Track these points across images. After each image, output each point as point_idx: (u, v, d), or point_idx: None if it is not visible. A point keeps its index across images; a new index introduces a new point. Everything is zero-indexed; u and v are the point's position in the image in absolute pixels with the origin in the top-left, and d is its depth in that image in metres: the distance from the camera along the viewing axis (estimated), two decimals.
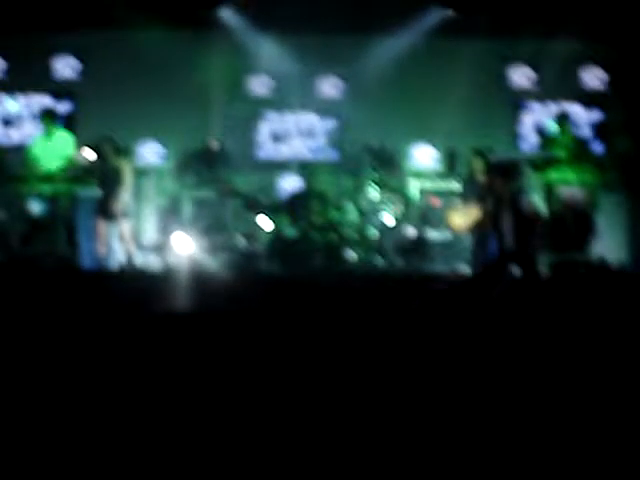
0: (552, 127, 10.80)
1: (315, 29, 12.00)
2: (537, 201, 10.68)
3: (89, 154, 10.49)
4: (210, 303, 6.86)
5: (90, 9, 11.76)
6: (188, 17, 11.96)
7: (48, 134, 10.59)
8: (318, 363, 4.82)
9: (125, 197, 10.61)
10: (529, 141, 12.69)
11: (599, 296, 7.49)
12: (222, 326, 6.10)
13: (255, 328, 6.08)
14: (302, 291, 7.70)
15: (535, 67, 13.06)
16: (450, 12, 12.39)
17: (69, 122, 12.16)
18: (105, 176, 10.52)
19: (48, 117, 10.68)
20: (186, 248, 10.82)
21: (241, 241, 11.12)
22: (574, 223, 10.25)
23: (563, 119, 10.75)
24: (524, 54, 12.92)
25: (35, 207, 10.27)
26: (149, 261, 11.13)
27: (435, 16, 12.50)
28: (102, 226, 10.59)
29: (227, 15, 12.45)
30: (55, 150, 10.46)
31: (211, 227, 11.23)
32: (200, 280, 8.29)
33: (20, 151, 10.98)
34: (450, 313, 7.31)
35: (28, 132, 12.21)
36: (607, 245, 10.82)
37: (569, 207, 10.33)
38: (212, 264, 10.57)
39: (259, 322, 6.27)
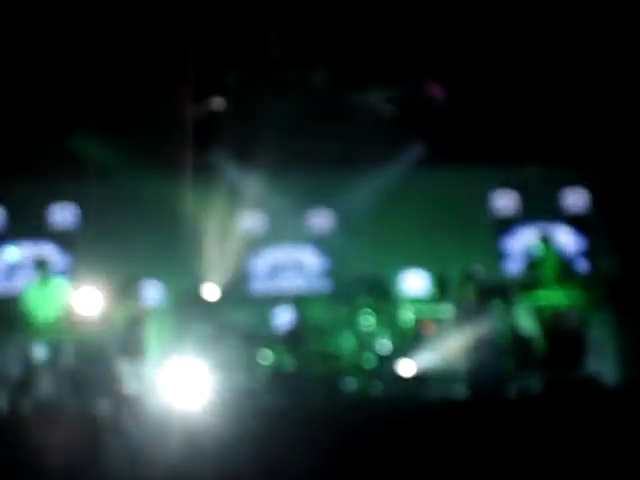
0: (537, 248, 11.03)
1: (304, 165, 12.40)
2: (528, 321, 10.89)
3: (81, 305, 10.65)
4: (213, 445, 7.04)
5: (86, 158, 12.18)
6: (181, 162, 12.35)
7: (43, 282, 10.78)
8: None
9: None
10: (516, 263, 12.96)
11: (590, 414, 7.69)
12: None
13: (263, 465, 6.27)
14: (304, 425, 7.85)
15: (519, 190, 13.38)
16: (430, 147, 12.75)
17: (68, 269, 12.42)
18: (132, 317, 10.78)
19: (42, 265, 10.86)
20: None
21: (241, 376, 11.21)
22: (566, 342, 10.41)
23: (547, 240, 10.99)
24: (507, 178, 13.26)
25: (38, 353, 10.42)
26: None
27: (419, 148, 12.88)
28: (122, 366, 10.67)
29: (218, 157, 12.85)
30: (50, 298, 10.64)
31: (212, 364, 11.37)
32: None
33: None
34: (450, 436, 7.51)
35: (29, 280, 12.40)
36: (598, 362, 10.94)
37: (560, 326, 10.51)
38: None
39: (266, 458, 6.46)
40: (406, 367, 10.95)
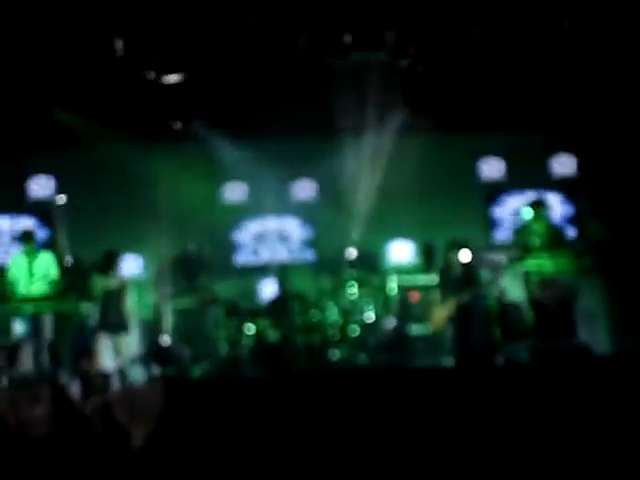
0: (526, 215, 10.83)
1: (286, 134, 12.25)
2: (515, 289, 10.74)
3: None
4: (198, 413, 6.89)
5: (65, 129, 12.01)
6: (162, 130, 12.17)
7: (28, 255, 10.57)
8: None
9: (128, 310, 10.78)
10: (504, 231, 12.83)
11: (580, 381, 7.52)
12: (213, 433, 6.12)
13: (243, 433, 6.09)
14: (288, 395, 7.70)
15: (506, 158, 13.25)
16: (416, 114, 12.54)
17: (48, 241, 12.25)
18: (109, 291, 10.65)
19: (27, 238, 10.65)
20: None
21: (224, 348, 11.07)
22: (554, 310, 10.24)
23: (537, 206, 10.78)
24: (494, 146, 13.12)
25: (18, 327, 10.25)
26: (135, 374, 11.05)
27: (404, 115, 12.68)
28: (101, 340, 10.56)
29: (199, 126, 12.63)
30: (36, 271, 10.45)
31: (193, 336, 11.24)
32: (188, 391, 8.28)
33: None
34: (436, 405, 7.36)
35: (10, 253, 12.16)
36: (589, 331, 10.78)
37: (548, 294, 10.33)
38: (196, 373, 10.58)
39: (247, 427, 6.29)
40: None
